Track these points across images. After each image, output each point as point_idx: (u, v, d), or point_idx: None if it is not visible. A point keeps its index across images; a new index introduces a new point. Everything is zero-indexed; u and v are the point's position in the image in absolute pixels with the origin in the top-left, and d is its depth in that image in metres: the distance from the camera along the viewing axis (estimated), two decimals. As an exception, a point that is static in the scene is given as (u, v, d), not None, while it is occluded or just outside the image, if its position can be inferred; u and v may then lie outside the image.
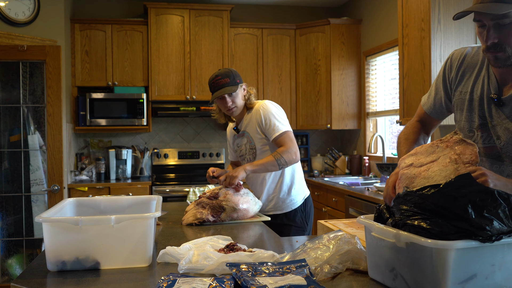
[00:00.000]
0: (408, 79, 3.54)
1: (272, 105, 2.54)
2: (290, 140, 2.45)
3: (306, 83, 5.16)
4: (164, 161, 5.20)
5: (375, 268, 1.33)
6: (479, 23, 1.46)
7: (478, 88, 1.57)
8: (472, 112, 1.59)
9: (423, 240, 1.08)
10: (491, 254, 1.08)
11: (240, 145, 2.65)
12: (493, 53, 1.45)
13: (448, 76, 1.67)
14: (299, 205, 2.59)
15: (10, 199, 3.89)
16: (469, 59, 1.62)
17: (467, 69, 1.62)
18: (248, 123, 2.57)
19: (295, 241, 1.94)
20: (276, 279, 1.21)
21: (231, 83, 2.48)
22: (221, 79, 2.48)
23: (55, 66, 3.81)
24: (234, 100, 2.51)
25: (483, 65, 1.58)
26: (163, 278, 1.28)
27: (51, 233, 1.49)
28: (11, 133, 3.90)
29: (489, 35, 1.42)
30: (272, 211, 2.58)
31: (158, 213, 1.60)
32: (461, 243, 1.05)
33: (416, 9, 3.41)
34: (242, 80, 2.57)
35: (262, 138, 2.53)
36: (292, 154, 2.42)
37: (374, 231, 1.27)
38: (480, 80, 1.58)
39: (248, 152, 2.60)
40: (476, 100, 1.58)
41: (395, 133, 4.74)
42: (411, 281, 1.17)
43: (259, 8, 5.54)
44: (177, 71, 4.91)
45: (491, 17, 1.40)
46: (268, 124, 2.47)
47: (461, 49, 1.68)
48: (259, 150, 2.56)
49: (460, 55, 1.65)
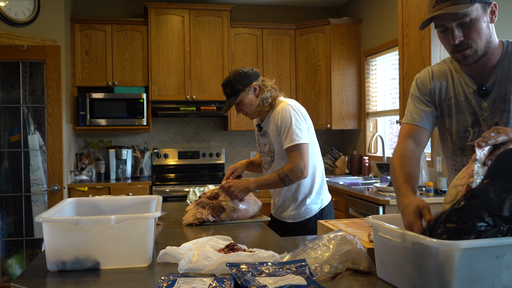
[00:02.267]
0: (408, 79, 3.54)
1: (293, 110, 2.37)
2: (300, 155, 2.30)
3: (306, 83, 5.16)
4: (164, 161, 5.20)
5: (382, 267, 1.34)
6: (441, 28, 1.52)
7: (459, 90, 1.63)
8: (463, 113, 1.63)
9: (429, 240, 1.08)
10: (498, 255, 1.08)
11: (262, 144, 2.56)
12: (461, 52, 1.52)
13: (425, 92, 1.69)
14: (314, 214, 2.46)
15: (10, 199, 3.88)
16: (436, 73, 1.69)
17: (439, 80, 1.68)
18: (269, 124, 2.46)
19: (295, 241, 1.94)
20: (276, 279, 1.21)
21: (232, 93, 2.41)
22: (225, 90, 2.44)
23: (55, 66, 3.81)
24: (241, 108, 2.45)
25: (452, 71, 1.66)
26: (163, 278, 1.28)
27: (51, 233, 1.49)
28: (11, 133, 3.89)
29: (455, 35, 1.49)
30: (287, 219, 2.49)
31: (158, 213, 1.60)
32: (466, 243, 1.04)
33: (416, 9, 3.41)
34: (249, 81, 2.41)
35: (280, 143, 2.40)
36: (298, 172, 2.29)
37: (381, 231, 1.28)
38: (457, 83, 1.64)
39: (267, 153, 2.50)
40: (462, 101, 1.63)
41: (395, 133, 4.74)
42: (417, 281, 1.17)
43: (259, 8, 5.54)
44: (177, 71, 4.91)
45: (453, 18, 1.47)
46: (283, 132, 2.34)
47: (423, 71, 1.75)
48: (277, 155, 2.44)
49: (426, 74, 1.71)
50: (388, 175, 3.63)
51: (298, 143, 2.30)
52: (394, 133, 4.75)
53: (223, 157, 5.34)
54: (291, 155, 2.32)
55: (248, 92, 2.42)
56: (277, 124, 2.37)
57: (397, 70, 4.18)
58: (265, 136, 2.49)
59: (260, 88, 2.43)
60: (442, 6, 1.47)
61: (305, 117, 2.42)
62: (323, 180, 2.53)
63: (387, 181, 3.94)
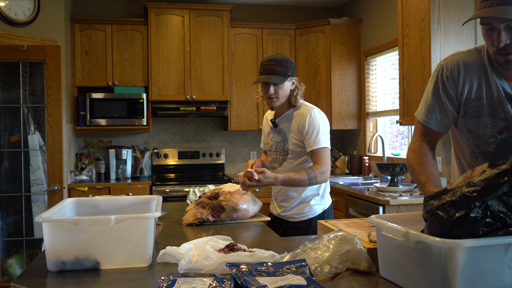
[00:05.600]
0: (408, 79, 3.54)
1: (321, 116, 2.42)
2: (327, 158, 2.35)
3: (306, 83, 5.15)
4: (164, 161, 5.20)
5: (385, 266, 1.34)
6: (487, 26, 1.44)
7: (493, 92, 1.54)
8: (492, 117, 1.55)
9: (432, 238, 1.08)
10: (501, 253, 1.08)
11: (274, 140, 2.54)
12: (504, 56, 1.44)
13: (450, 87, 1.61)
14: (317, 214, 2.48)
15: (10, 199, 3.88)
16: (468, 68, 1.58)
17: (467, 75, 1.58)
18: (288, 123, 2.46)
19: (295, 241, 1.94)
20: (276, 279, 1.21)
21: (281, 73, 2.35)
22: (273, 65, 2.35)
23: (55, 66, 3.81)
24: (277, 90, 2.39)
25: (486, 68, 1.55)
26: (163, 278, 1.28)
27: (51, 233, 1.48)
28: (11, 133, 3.89)
29: (500, 38, 1.41)
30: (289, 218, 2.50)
31: (158, 213, 1.60)
32: (469, 242, 1.04)
33: (416, 9, 3.41)
34: (295, 74, 2.45)
35: (298, 144, 2.42)
36: (325, 175, 2.34)
37: (384, 230, 1.28)
38: (491, 83, 1.54)
39: (280, 151, 2.50)
40: (494, 104, 1.54)
41: (395, 133, 4.74)
42: (420, 280, 1.17)
43: (259, 8, 5.54)
44: (177, 71, 4.91)
45: (501, 20, 1.39)
46: (310, 134, 2.35)
47: (452, 58, 1.63)
48: (291, 154, 2.46)
49: (455, 66, 1.60)
50: (388, 175, 3.63)
51: (325, 146, 2.35)
52: (394, 133, 4.75)
53: (223, 157, 5.34)
54: (318, 157, 2.33)
55: (292, 80, 2.43)
56: (301, 126, 2.38)
57: (397, 70, 4.18)
58: (280, 134, 2.49)
59: (297, 86, 2.46)
60: (493, 3, 1.39)
61: (328, 124, 2.47)
62: (328, 183, 2.57)
63: (387, 181, 3.94)
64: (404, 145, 4.54)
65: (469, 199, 1.07)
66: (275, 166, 2.55)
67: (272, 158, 2.56)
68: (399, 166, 3.55)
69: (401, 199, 3.32)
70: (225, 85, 4.99)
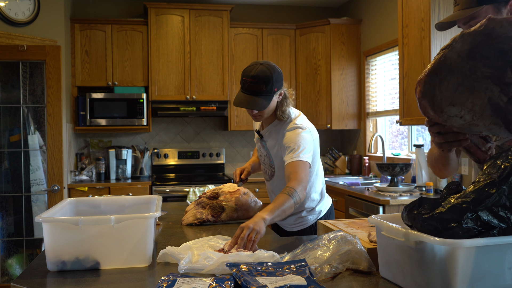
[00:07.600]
0: (408, 79, 3.54)
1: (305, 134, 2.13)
2: (304, 173, 2.00)
3: (306, 83, 5.16)
4: (164, 161, 5.20)
5: (385, 266, 1.34)
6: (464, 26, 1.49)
7: None
8: None
9: (432, 238, 1.08)
10: (501, 253, 1.08)
11: (261, 151, 2.38)
12: None
13: None
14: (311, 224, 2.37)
15: (10, 199, 3.89)
16: None
17: None
18: (272, 136, 2.24)
19: (295, 241, 1.94)
20: (276, 279, 1.21)
21: (266, 92, 2.04)
22: (256, 84, 2.03)
23: (55, 66, 3.81)
24: (261, 112, 2.13)
25: None
26: (163, 278, 1.28)
27: (51, 233, 1.49)
28: (11, 133, 3.89)
29: None
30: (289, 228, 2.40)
31: (158, 213, 1.60)
32: (469, 242, 1.05)
33: (416, 9, 3.41)
34: (282, 84, 2.12)
35: (281, 159, 2.17)
36: (304, 191, 1.97)
37: (384, 230, 1.28)
38: None
39: (267, 165, 2.37)
40: None
41: (395, 133, 4.74)
42: (420, 280, 1.17)
43: (259, 8, 5.54)
44: (177, 71, 4.91)
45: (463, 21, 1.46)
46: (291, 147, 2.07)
47: None
48: (278, 171, 2.28)
49: None
50: (388, 175, 3.64)
51: (305, 160, 2.04)
52: (394, 133, 4.76)
53: (223, 157, 5.34)
54: (294, 170, 2.01)
55: (278, 93, 2.12)
56: (286, 145, 2.12)
57: (397, 70, 4.18)
58: (264, 148, 2.33)
59: (284, 97, 2.16)
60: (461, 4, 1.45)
61: (314, 139, 2.20)
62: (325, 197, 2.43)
63: (387, 181, 3.94)
64: (404, 145, 4.54)
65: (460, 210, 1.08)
66: (266, 179, 2.45)
67: (262, 170, 2.46)
68: (399, 166, 3.55)
69: (401, 199, 3.32)
70: (225, 85, 4.99)
